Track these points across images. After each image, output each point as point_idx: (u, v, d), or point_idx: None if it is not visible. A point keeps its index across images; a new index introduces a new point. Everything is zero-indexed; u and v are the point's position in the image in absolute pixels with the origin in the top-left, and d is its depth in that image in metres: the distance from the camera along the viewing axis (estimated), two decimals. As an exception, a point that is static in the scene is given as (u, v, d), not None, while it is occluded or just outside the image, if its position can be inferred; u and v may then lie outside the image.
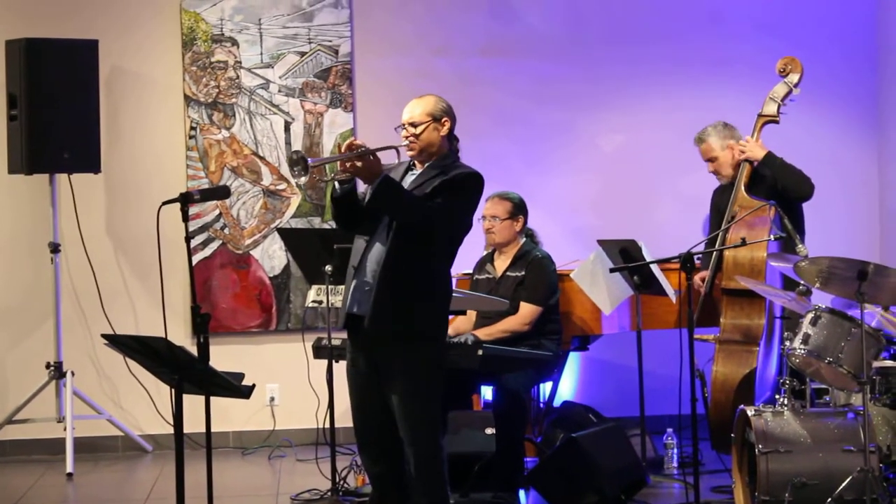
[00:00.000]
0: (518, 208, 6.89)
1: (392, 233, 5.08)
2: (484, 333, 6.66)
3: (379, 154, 5.08)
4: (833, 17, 8.49)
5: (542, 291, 6.78)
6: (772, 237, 6.33)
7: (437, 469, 5.14)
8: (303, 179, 5.04)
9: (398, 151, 5.29)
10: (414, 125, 5.19)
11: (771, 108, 7.05)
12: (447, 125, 5.23)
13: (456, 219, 5.15)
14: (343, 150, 5.05)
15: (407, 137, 5.20)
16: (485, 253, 7.14)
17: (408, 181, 5.21)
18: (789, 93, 7.05)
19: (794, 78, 7.04)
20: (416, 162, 5.26)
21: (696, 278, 7.05)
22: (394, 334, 5.08)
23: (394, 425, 5.14)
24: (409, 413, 5.09)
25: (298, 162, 4.95)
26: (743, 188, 6.93)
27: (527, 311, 6.74)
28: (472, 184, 5.17)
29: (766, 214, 6.64)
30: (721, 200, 7.17)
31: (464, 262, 6.84)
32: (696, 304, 6.89)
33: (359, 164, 4.99)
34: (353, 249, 5.22)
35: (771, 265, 6.53)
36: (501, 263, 6.94)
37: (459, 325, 6.94)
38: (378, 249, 5.10)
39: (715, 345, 6.76)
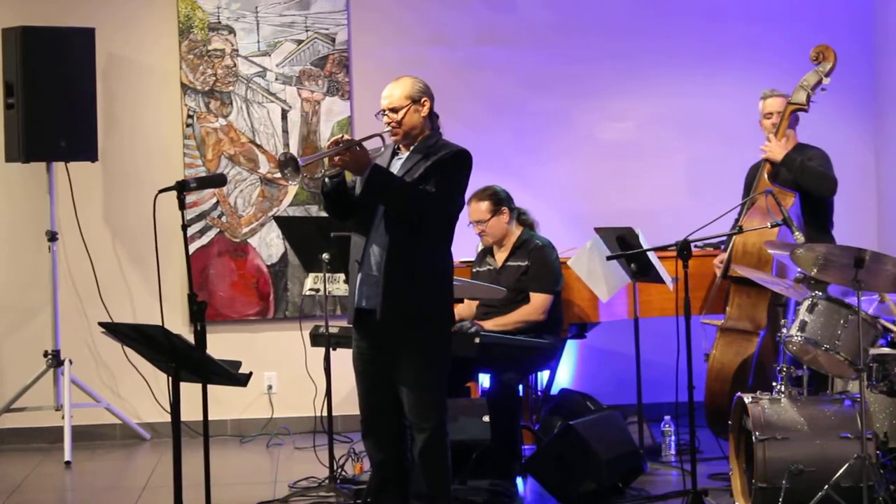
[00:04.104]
0: (498, 201, 6.86)
1: (389, 222, 5.09)
2: (498, 324, 6.68)
3: (365, 143, 5.09)
4: (830, 9, 8.47)
5: (549, 279, 6.80)
6: (768, 225, 6.32)
7: (442, 454, 5.18)
8: (296, 180, 5.05)
9: (383, 138, 5.29)
10: (394, 110, 5.19)
11: (800, 97, 6.93)
12: (427, 105, 5.23)
13: (449, 199, 5.16)
14: (328, 145, 5.07)
15: (389, 123, 5.20)
16: (484, 245, 7.14)
17: (396, 166, 5.22)
18: (820, 81, 6.89)
19: (826, 66, 6.88)
20: (401, 146, 5.27)
21: (716, 260, 7.08)
22: (405, 323, 5.11)
23: (400, 412, 5.18)
24: (419, 398, 5.13)
25: (288, 163, 4.95)
26: (766, 175, 6.89)
27: (540, 301, 6.76)
28: (461, 162, 5.17)
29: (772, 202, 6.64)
30: (753, 181, 7.12)
31: (461, 249, 6.83)
32: (709, 289, 6.88)
33: (346, 157, 5.01)
34: (353, 243, 5.24)
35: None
36: (501, 254, 6.94)
37: (462, 313, 6.96)
38: (379, 241, 5.12)
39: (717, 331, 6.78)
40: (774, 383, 5.81)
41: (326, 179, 5.14)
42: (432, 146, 5.19)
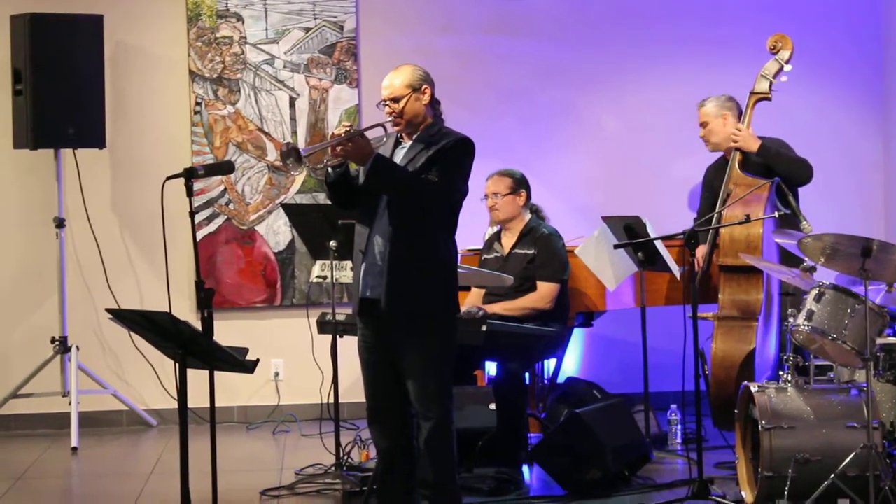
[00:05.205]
0: (519, 183, 6.89)
1: (392, 212, 5.09)
2: (506, 308, 6.69)
3: (368, 133, 5.09)
4: (839, -2, 8.48)
5: (557, 268, 6.81)
6: (776, 214, 6.32)
7: (448, 442, 5.18)
8: (298, 170, 5.05)
9: (385, 127, 5.29)
10: (395, 100, 5.18)
11: (763, 86, 7.02)
12: (428, 93, 5.22)
13: (452, 188, 5.15)
14: (331, 135, 5.08)
15: (390, 113, 5.20)
16: (492, 231, 7.15)
17: (398, 156, 5.22)
18: (780, 69, 7.00)
19: (784, 55, 7.00)
20: (403, 135, 5.26)
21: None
22: (409, 313, 5.11)
23: (405, 400, 5.19)
24: (424, 387, 5.13)
25: (290, 153, 4.96)
26: (737, 166, 6.91)
27: (547, 290, 6.76)
28: (463, 149, 5.17)
29: (763, 192, 6.63)
30: (715, 178, 7.15)
31: (469, 237, 6.84)
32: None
33: (349, 147, 5.01)
34: (357, 233, 5.24)
35: (767, 241, 6.54)
36: (508, 241, 6.94)
37: (473, 301, 6.95)
38: (382, 230, 5.12)
39: (714, 322, 6.76)
40: (781, 372, 5.81)
41: (329, 169, 5.14)
42: (435, 134, 5.18)
